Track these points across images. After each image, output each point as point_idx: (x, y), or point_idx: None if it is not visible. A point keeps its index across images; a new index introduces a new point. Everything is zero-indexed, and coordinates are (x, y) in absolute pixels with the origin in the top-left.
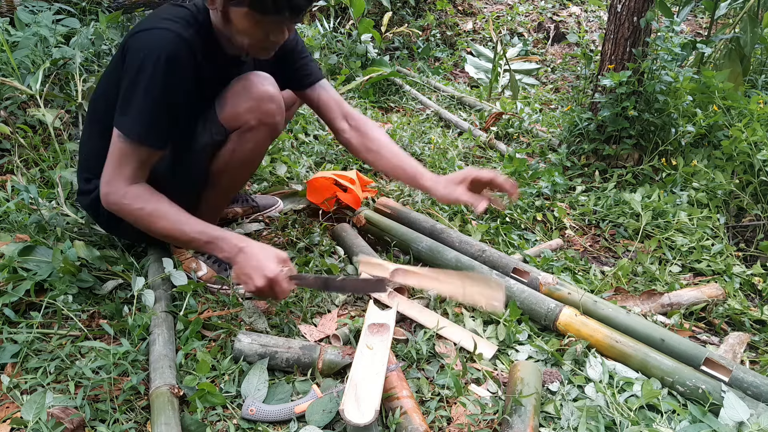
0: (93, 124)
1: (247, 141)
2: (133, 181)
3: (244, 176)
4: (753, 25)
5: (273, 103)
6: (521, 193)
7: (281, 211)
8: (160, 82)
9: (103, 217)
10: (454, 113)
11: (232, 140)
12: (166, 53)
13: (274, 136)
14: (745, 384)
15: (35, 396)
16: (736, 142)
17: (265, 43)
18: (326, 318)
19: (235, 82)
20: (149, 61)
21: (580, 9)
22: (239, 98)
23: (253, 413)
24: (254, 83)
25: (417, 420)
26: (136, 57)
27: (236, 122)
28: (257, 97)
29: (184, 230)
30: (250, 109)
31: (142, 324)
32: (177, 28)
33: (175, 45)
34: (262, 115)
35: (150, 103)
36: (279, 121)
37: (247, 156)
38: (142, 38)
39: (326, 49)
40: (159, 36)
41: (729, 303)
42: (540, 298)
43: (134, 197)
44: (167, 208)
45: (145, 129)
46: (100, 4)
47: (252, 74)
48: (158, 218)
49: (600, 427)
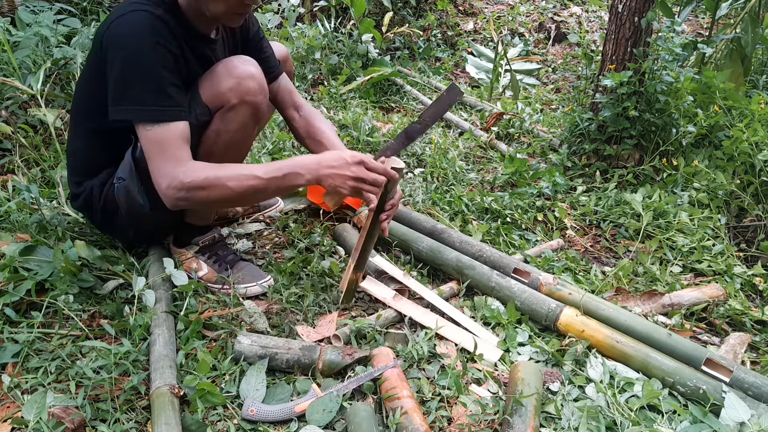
0: (78, 127)
1: (231, 121)
2: (184, 159)
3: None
4: (754, 25)
5: (254, 81)
6: (522, 193)
7: (282, 210)
8: (149, 56)
9: (97, 216)
10: (455, 113)
11: (215, 121)
12: (145, 30)
13: (257, 116)
14: (746, 384)
15: (36, 396)
16: (737, 143)
17: (239, 8)
18: (325, 319)
19: (218, 65)
20: (131, 42)
21: (581, 9)
22: (221, 78)
23: (254, 414)
24: (236, 64)
25: (417, 420)
26: (116, 45)
27: (218, 101)
28: (238, 75)
29: (258, 174)
30: (231, 88)
31: (142, 324)
32: (147, 8)
33: (150, 20)
34: (243, 93)
35: (148, 78)
36: (261, 100)
37: (232, 137)
38: (115, 28)
39: (327, 49)
40: (132, 18)
41: (730, 303)
42: (541, 299)
43: (195, 172)
44: (230, 167)
45: (157, 106)
46: (101, 4)
47: (234, 57)
48: (228, 180)
49: (601, 427)
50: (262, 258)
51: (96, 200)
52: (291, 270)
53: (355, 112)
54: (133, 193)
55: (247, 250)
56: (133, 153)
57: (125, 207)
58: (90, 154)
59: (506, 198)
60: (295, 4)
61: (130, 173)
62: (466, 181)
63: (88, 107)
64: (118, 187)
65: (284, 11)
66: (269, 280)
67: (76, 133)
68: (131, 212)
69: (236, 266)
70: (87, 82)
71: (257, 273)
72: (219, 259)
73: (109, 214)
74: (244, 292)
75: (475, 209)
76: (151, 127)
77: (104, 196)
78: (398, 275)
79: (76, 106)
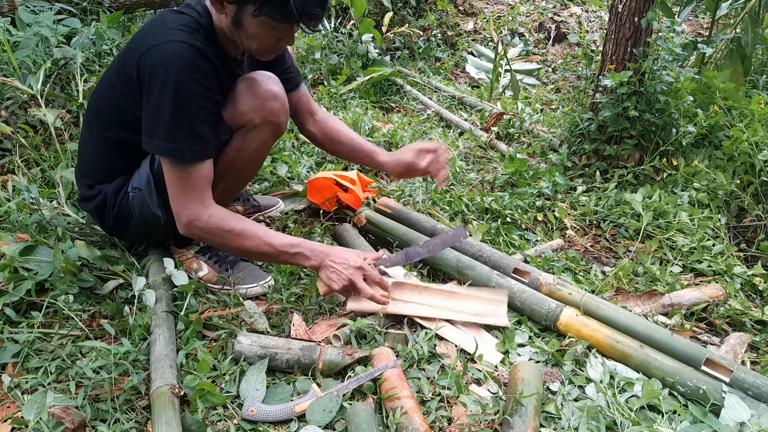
0: (94, 131)
1: (252, 140)
2: (208, 201)
3: (247, 176)
4: (754, 25)
5: (277, 101)
6: (522, 193)
7: (282, 210)
8: (189, 96)
9: (109, 221)
10: (455, 113)
11: (237, 139)
12: (187, 67)
13: (278, 135)
14: (746, 384)
15: (36, 396)
16: (737, 143)
17: (273, 47)
18: (323, 321)
19: (240, 82)
20: (171, 76)
21: (581, 9)
22: (244, 97)
23: (254, 414)
24: (259, 83)
25: (417, 420)
26: (155, 74)
27: (241, 121)
28: (262, 96)
29: (273, 244)
30: (254, 108)
31: (142, 324)
32: (189, 39)
33: (192, 55)
34: (267, 114)
35: (183, 119)
36: (283, 120)
37: (251, 155)
38: (156, 54)
39: (327, 49)
40: (174, 49)
41: (730, 303)
42: (541, 299)
43: (219, 220)
44: (250, 226)
45: (188, 146)
46: (101, 4)
47: (257, 74)
48: (246, 238)
49: (601, 427)
50: None
51: (110, 207)
52: (291, 270)
53: (355, 112)
54: (150, 206)
55: None
56: (152, 166)
57: (139, 216)
58: (105, 159)
59: (506, 198)
60: None
61: (147, 186)
62: (466, 181)
63: (111, 118)
64: (134, 197)
65: None
66: (269, 281)
67: (92, 137)
68: (145, 222)
69: (236, 266)
70: (112, 94)
71: (257, 273)
72: (219, 259)
73: (123, 220)
74: (245, 292)
75: (475, 209)
76: (178, 165)
77: (119, 203)
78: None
79: (95, 112)
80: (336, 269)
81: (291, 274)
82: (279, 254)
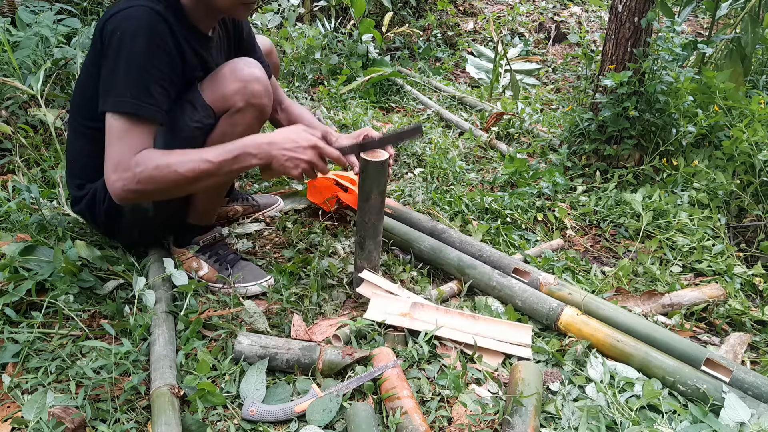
0: (80, 128)
1: (237, 124)
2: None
3: None
4: (754, 25)
5: (260, 84)
6: (522, 193)
7: (282, 210)
8: (142, 53)
9: (100, 218)
10: (455, 113)
11: (222, 124)
12: (144, 25)
13: (263, 118)
14: (746, 384)
15: (36, 396)
16: (737, 143)
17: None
18: (323, 321)
19: (222, 67)
20: (127, 35)
21: (580, 9)
22: (226, 80)
23: (254, 414)
24: (242, 67)
25: (417, 420)
26: (113, 37)
27: (224, 104)
28: (244, 79)
29: (209, 158)
30: (237, 91)
31: (142, 324)
32: (148, 3)
33: (150, 16)
34: (249, 96)
35: (135, 73)
36: (266, 102)
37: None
38: (115, 20)
39: (327, 49)
40: (133, 12)
41: (730, 303)
42: (542, 298)
43: (145, 160)
44: (181, 152)
45: (136, 100)
46: (101, 4)
47: (239, 59)
48: (180, 164)
49: (601, 427)
50: (262, 258)
51: (100, 201)
52: (291, 270)
53: (355, 113)
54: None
55: (247, 250)
56: None
57: (129, 209)
58: (94, 155)
59: (506, 198)
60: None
61: None
62: (466, 181)
63: (92, 107)
64: None
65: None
66: (269, 280)
67: (77, 135)
68: (135, 216)
69: (237, 266)
70: (89, 81)
71: (258, 273)
72: (219, 258)
73: (114, 216)
74: (245, 291)
75: (475, 209)
76: (119, 116)
77: (108, 197)
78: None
79: (75, 107)
80: (289, 156)
81: (291, 274)
82: (220, 165)
